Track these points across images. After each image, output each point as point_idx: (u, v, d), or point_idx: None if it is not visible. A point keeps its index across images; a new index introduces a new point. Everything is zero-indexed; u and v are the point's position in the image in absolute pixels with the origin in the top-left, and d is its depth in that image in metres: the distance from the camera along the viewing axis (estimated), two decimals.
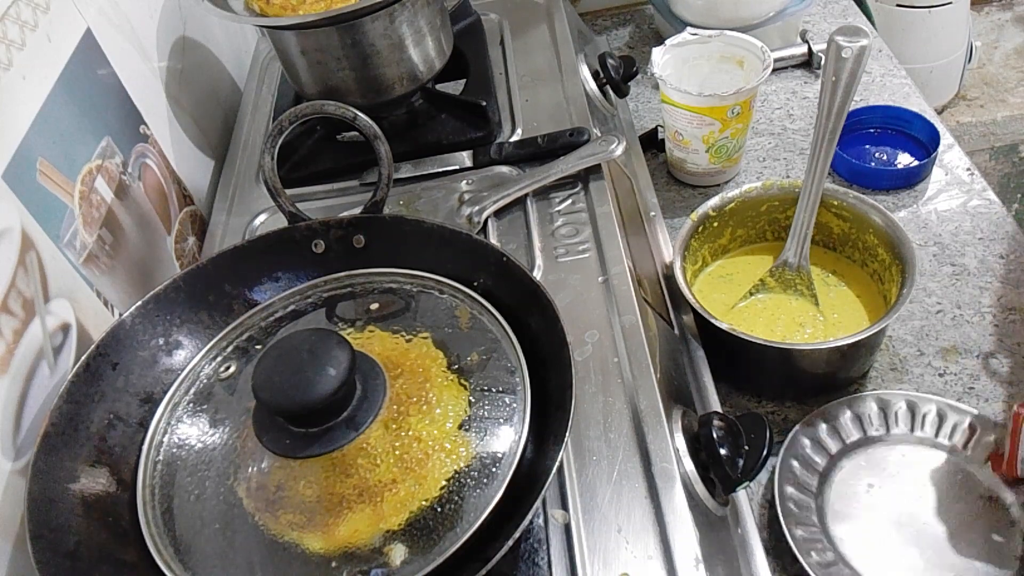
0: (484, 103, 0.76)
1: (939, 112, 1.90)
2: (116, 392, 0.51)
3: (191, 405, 0.52)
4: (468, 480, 0.45)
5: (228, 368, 0.53)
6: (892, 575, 0.61)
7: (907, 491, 0.65)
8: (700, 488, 0.53)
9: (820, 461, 0.67)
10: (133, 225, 0.66)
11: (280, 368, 0.44)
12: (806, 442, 0.68)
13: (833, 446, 0.68)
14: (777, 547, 0.64)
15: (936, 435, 0.68)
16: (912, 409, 0.69)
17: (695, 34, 0.90)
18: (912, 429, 0.68)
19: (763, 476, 0.68)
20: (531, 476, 0.45)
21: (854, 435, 0.69)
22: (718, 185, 0.94)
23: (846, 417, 0.69)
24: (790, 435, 0.68)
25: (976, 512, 0.64)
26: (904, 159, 0.93)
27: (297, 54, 0.73)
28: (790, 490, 0.65)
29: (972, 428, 0.67)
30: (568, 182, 0.70)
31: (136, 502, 0.47)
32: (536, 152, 0.73)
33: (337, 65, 0.72)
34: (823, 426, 0.69)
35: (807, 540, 0.62)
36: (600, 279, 0.62)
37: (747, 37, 0.88)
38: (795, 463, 0.67)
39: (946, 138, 0.92)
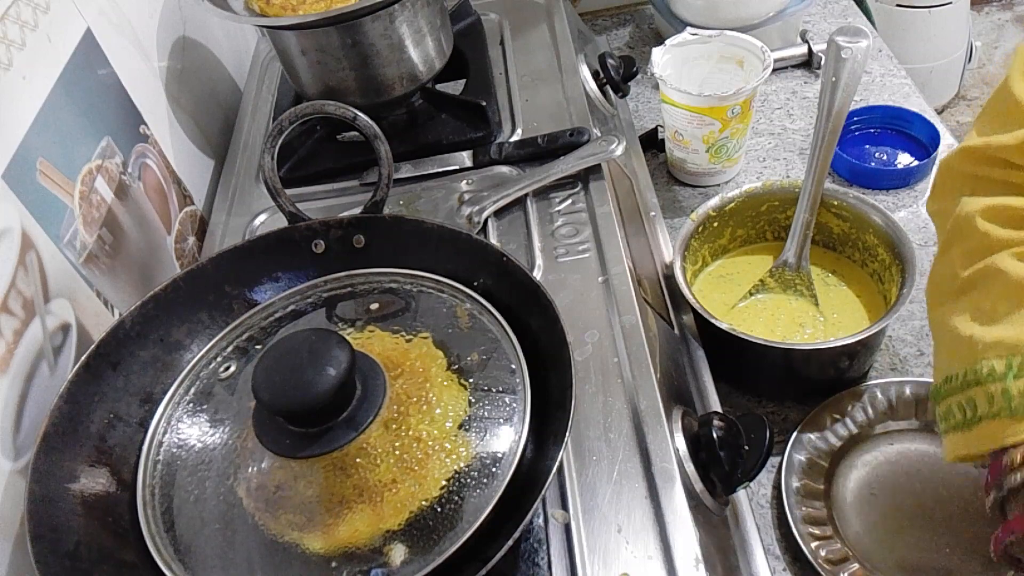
0: (484, 103, 0.76)
1: (939, 112, 1.90)
2: (116, 392, 0.51)
3: (191, 405, 0.52)
4: (468, 480, 0.45)
5: (228, 368, 0.53)
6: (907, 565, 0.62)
7: (911, 478, 0.66)
8: (700, 488, 0.53)
9: (824, 459, 0.68)
10: (133, 225, 0.66)
11: (280, 368, 0.44)
12: (808, 445, 0.68)
13: (835, 443, 0.68)
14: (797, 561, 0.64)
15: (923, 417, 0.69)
16: (915, 395, 0.70)
17: (695, 34, 0.90)
18: (909, 415, 0.69)
19: (763, 476, 0.68)
20: (531, 476, 0.45)
21: (853, 430, 0.69)
22: (718, 185, 0.94)
23: (842, 414, 0.70)
24: (791, 439, 0.68)
25: (983, 491, 0.64)
26: (904, 159, 0.93)
27: (297, 54, 0.73)
28: (797, 495, 0.65)
29: None
30: (568, 182, 0.70)
31: (136, 502, 0.47)
32: (536, 152, 0.73)
33: (337, 65, 0.72)
34: (821, 430, 0.69)
35: (828, 553, 0.63)
36: (600, 279, 0.62)
37: (747, 37, 0.88)
38: (800, 467, 0.67)
39: (946, 138, 0.92)
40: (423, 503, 0.44)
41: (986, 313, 0.51)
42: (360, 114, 0.58)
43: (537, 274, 0.63)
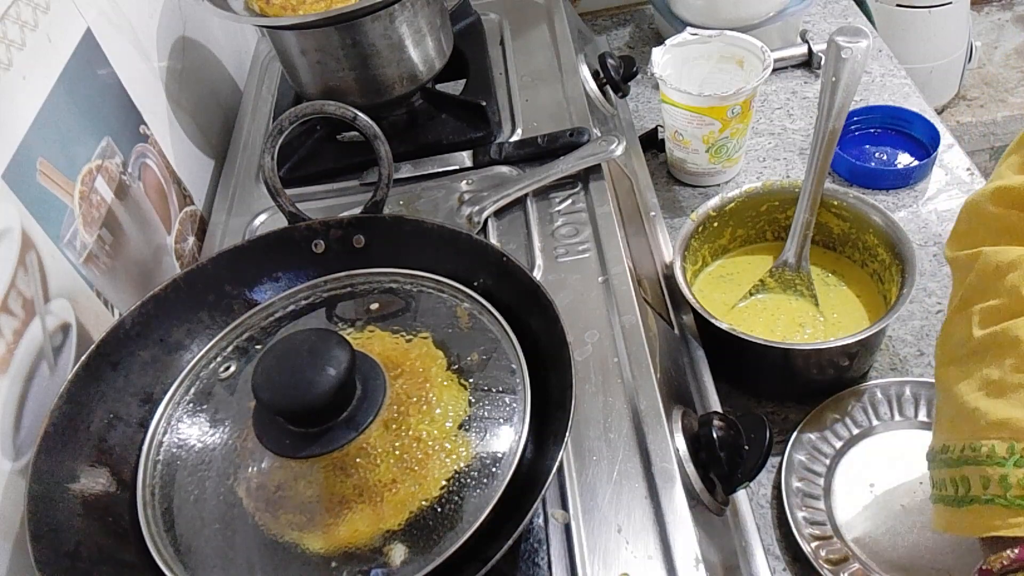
0: (484, 103, 0.76)
1: (939, 112, 1.90)
2: (116, 392, 0.51)
3: (191, 405, 0.52)
4: (468, 480, 0.45)
5: (228, 368, 0.53)
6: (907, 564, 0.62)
7: (912, 478, 0.66)
8: (700, 488, 0.53)
9: (824, 459, 0.68)
10: (133, 225, 0.66)
11: (280, 368, 0.44)
12: (808, 445, 0.68)
13: (835, 443, 0.68)
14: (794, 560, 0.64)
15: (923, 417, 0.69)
16: (913, 395, 0.70)
17: (695, 34, 0.90)
18: (908, 415, 0.69)
19: (763, 476, 0.68)
20: (531, 476, 0.45)
21: (853, 430, 0.69)
22: (718, 185, 0.94)
23: (842, 414, 0.70)
24: (791, 439, 0.68)
25: None
26: (904, 159, 0.93)
27: (297, 54, 0.73)
28: (797, 495, 0.65)
29: None
30: (568, 182, 0.70)
31: (136, 502, 0.47)
32: (536, 152, 0.73)
33: (337, 65, 0.72)
34: (821, 430, 0.69)
35: (828, 553, 0.63)
36: (600, 279, 0.62)
37: (747, 37, 0.88)
38: (800, 467, 0.67)
39: (946, 138, 0.92)
40: (423, 503, 0.44)
41: (995, 385, 0.47)
42: (360, 114, 0.58)
43: (537, 274, 0.63)
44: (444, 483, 0.45)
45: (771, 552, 0.64)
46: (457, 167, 0.74)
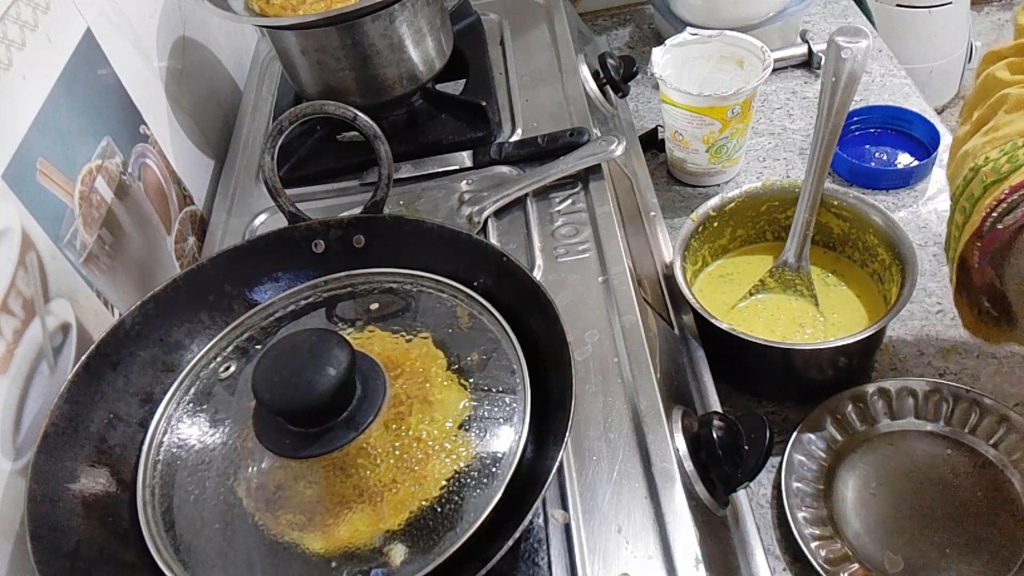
0: (484, 103, 0.76)
1: (939, 112, 1.90)
2: (116, 392, 0.51)
3: (191, 405, 0.52)
4: (468, 480, 0.45)
5: (228, 368, 0.53)
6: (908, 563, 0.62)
7: (911, 478, 0.66)
8: (700, 488, 0.53)
9: (824, 459, 0.68)
10: (133, 225, 0.66)
11: (280, 368, 0.44)
12: (808, 445, 0.68)
13: (834, 443, 0.68)
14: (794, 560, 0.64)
15: (935, 418, 0.69)
16: (912, 395, 0.70)
17: (695, 34, 0.90)
18: (908, 415, 0.69)
19: (763, 476, 0.68)
20: (531, 476, 0.45)
21: (853, 430, 0.69)
22: (718, 185, 0.94)
23: (842, 414, 0.70)
24: (791, 439, 0.68)
25: (982, 489, 0.65)
26: (904, 159, 0.93)
27: (297, 54, 0.73)
28: (796, 495, 0.65)
29: (955, 400, 0.69)
30: (568, 182, 0.70)
31: (136, 502, 0.47)
32: (536, 152, 0.73)
33: (337, 65, 0.72)
34: (821, 430, 0.69)
35: (828, 553, 0.63)
36: (600, 279, 0.62)
37: (747, 37, 0.88)
38: (800, 467, 0.67)
39: (946, 138, 0.92)
40: (423, 503, 0.44)
41: (990, 128, 0.52)
42: (360, 114, 0.58)
43: (537, 274, 0.63)
44: (444, 483, 0.45)
45: (771, 552, 0.64)
46: (457, 167, 0.74)
